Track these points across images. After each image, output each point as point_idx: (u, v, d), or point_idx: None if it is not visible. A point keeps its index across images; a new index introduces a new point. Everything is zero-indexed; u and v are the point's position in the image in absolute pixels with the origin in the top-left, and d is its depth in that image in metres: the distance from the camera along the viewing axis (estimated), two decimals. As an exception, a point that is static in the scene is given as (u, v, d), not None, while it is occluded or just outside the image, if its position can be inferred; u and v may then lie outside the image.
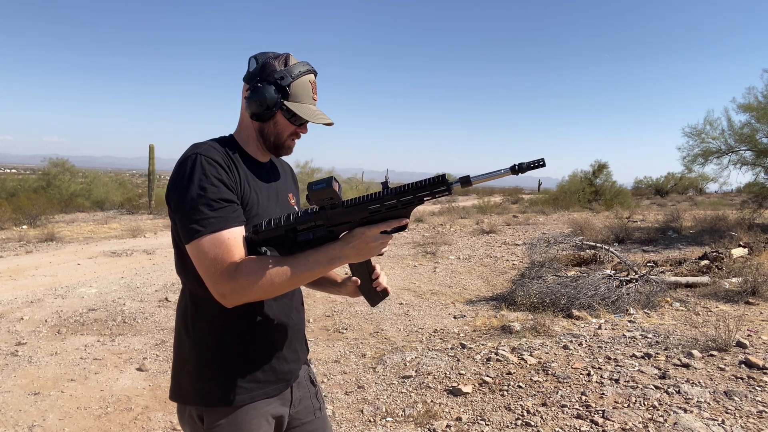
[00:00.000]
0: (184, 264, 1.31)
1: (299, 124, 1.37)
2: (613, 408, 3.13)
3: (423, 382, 3.74)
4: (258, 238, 1.27)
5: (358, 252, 1.23)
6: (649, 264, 7.18)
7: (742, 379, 3.49)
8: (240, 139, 1.42)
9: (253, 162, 1.41)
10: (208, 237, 1.20)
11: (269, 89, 1.31)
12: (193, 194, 1.22)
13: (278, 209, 1.43)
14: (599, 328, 4.85)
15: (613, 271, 6.56)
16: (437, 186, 1.18)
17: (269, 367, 1.36)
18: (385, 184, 1.24)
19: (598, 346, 4.26)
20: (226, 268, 1.19)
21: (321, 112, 1.39)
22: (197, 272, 1.24)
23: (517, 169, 1.16)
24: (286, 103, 1.33)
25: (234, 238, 1.22)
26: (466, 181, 1.18)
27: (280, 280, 1.21)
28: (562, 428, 2.97)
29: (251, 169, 1.39)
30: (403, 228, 1.24)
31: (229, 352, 1.32)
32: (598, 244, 7.83)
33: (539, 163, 1.14)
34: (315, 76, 1.39)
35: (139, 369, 4.17)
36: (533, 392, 3.45)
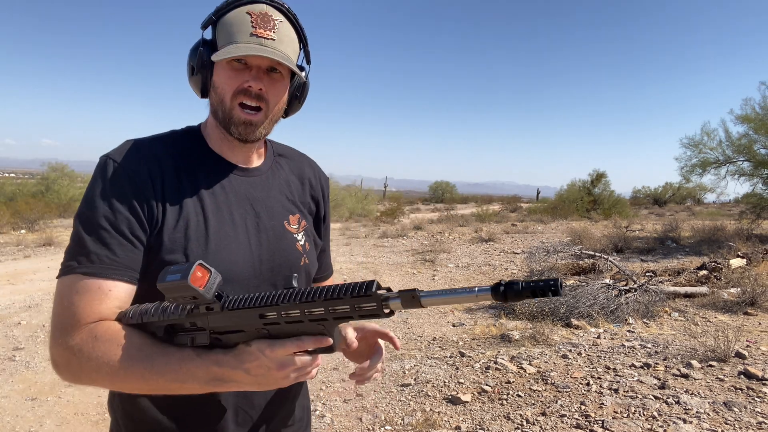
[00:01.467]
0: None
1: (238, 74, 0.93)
2: (613, 418, 3.13)
3: (422, 391, 3.73)
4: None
5: (255, 379, 0.81)
6: (647, 274, 7.18)
7: (741, 389, 3.49)
8: (205, 131, 1.03)
9: (219, 164, 1.00)
10: (77, 280, 0.86)
11: (196, 44, 0.96)
12: (80, 215, 0.89)
13: (253, 242, 0.98)
14: (598, 337, 4.85)
15: (612, 281, 6.57)
16: (363, 297, 0.75)
17: None
18: (289, 278, 0.86)
19: (598, 356, 4.25)
20: (74, 327, 0.83)
21: (257, 45, 0.90)
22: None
23: (504, 291, 0.71)
24: (214, 55, 0.91)
25: (107, 291, 0.86)
26: (411, 298, 0.73)
27: (124, 380, 0.82)
28: (561, 438, 2.97)
29: (211, 176, 0.98)
30: (328, 350, 0.82)
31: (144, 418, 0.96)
32: (597, 254, 7.84)
33: (545, 289, 0.68)
34: (271, 5, 0.94)
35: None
36: (532, 401, 3.44)
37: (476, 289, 0.73)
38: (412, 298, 0.73)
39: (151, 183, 0.91)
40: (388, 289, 0.76)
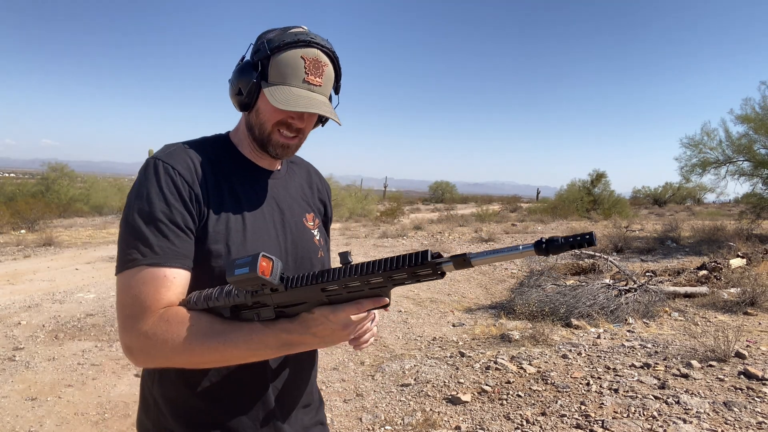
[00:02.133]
0: None
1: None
2: (613, 418, 3.13)
3: (422, 391, 3.73)
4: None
5: (321, 340, 0.92)
6: (647, 274, 7.19)
7: (741, 389, 3.49)
8: (235, 139, 1.13)
9: (249, 167, 1.11)
10: (142, 270, 0.92)
11: (246, 68, 1.04)
12: (137, 211, 0.95)
13: (277, 234, 1.10)
14: (598, 337, 4.85)
15: (612, 281, 6.57)
16: (420, 267, 0.84)
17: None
18: (344, 255, 0.92)
19: (597, 356, 4.25)
20: (146, 314, 0.90)
21: (313, 97, 1.02)
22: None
23: (546, 246, 0.77)
24: (261, 84, 1.03)
25: (172, 279, 0.93)
26: (462, 259, 0.82)
27: (201, 353, 0.90)
28: (561, 438, 2.97)
29: (244, 177, 1.09)
30: (384, 305, 0.92)
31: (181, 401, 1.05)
32: (597, 254, 7.85)
33: (582, 241, 0.75)
34: (322, 51, 1.04)
35: (136, 375, 4.15)
36: (532, 401, 3.44)
37: (520, 246, 0.80)
38: (463, 261, 0.82)
39: (197, 182, 1.00)
40: (439, 255, 0.84)
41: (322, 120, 1.15)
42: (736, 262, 7.93)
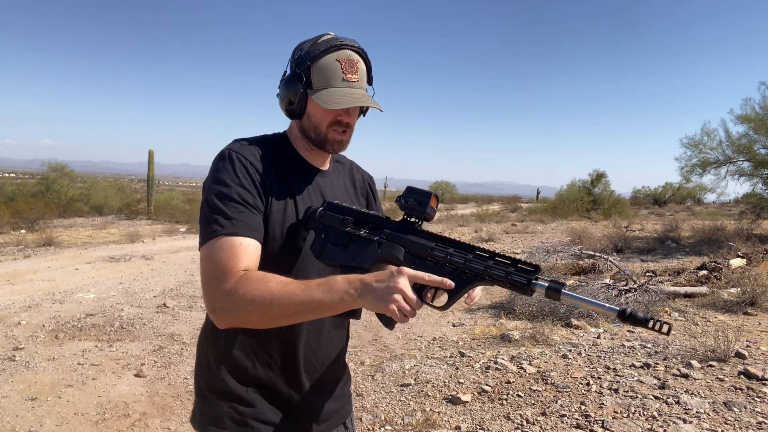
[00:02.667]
0: None
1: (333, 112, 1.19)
2: (613, 418, 3.13)
3: (422, 391, 3.73)
4: (321, 215, 1.15)
5: (374, 292, 0.95)
6: (647, 274, 7.18)
7: (741, 389, 3.49)
8: (292, 138, 1.27)
9: (303, 164, 1.25)
10: (220, 240, 1.05)
11: (290, 80, 1.17)
12: (215, 193, 1.10)
13: None
14: (598, 337, 4.85)
15: (612, 281, 6.57)
16: (520, 273, 0.93)
17: (287, 412, 1.22)
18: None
19: (597, 356, 4.25)
20: (225, 275, 1.03)
21: (355, 92, 1.16)
22: None
23: (627, 317, 0.87)
24: (309, 92, 1.16)
25: (246, 246, 1.06)
26: (554, 290, 0.91)
27: (280, 303, 0.99)
28: (561, 438, 2.97)
29: (297, 173, 1.23)
30: (440, 306, 1.01)
31: (235, 379, 1.20)
32: (597, 254, 7.85)
33: (660, 327, 0.85)
34: (355, 51, 1.18)
35: (136, 375, 4.15)
36: (532, 401, 3.44)
37: (606, 305, 0.90)
38: (554, 292, 0.91)
39: (264, 172, 1.15)
40: (538, 268, 0.94)
41: (362, 110, 1.29)
42: (736, 262, 7.93)
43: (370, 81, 1.26)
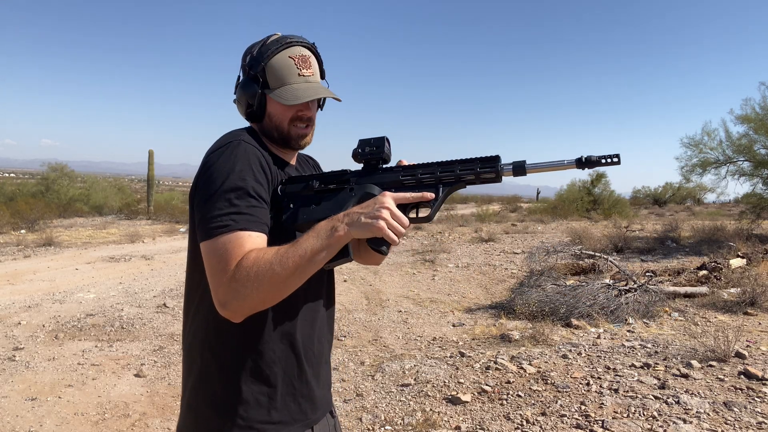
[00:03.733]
0: (203, 277, 1.10)
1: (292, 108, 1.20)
2: (613, 418, 3.13)
3: (422, 391, 3.73)
4: (283, 189, 1.17)
5: (363, 213, 1.01)
6: (647, 274, 7.18)
7: (741, 389, 3.49)
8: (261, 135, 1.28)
9: (279, 161, 1.24)
10: (231, 233, 1.02)
11: (246, 84, 1.18)
12: (230, 184, 1.05)
13: None
14: (598, 337, 4.85)
15: (612, 281, 6.57)
16: (485, 166, 1.03)
17: (294, 404, 1.20)
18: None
19: (597, 356, 4.25)
20: (230, 263, 1.00)
21: (312, 86, 1.18)
22: None
23: (584, 162, 0.97)
24: (267, 92, 1.17)
25: (255, 237, 1.05)
26: (519, 167, 1.01)
27: (281, 268, 1.00)
28: (561, 438, 2.97)
29: (280, 168, 1.24)
30: (424, 218, 1.08)
31: (249, 385, 1.15)
32: (597, 254, 7.85)
33: (611, 159, 0.96)
34: (305, 47, 1.20)
35: (136, 375, 4.16)
36: (532, 401, 3.44)
37: (565, 160, 1.00)
38: (520, 168, 1.01)
39: (271, 166, 1.15)
40: (498, 158, 1.04)
41: (320, 104, 1.29)
42: (736, 262, 7.93)
43: (323, 75, 1.28)
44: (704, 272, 7.40)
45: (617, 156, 0.95)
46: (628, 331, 5.10)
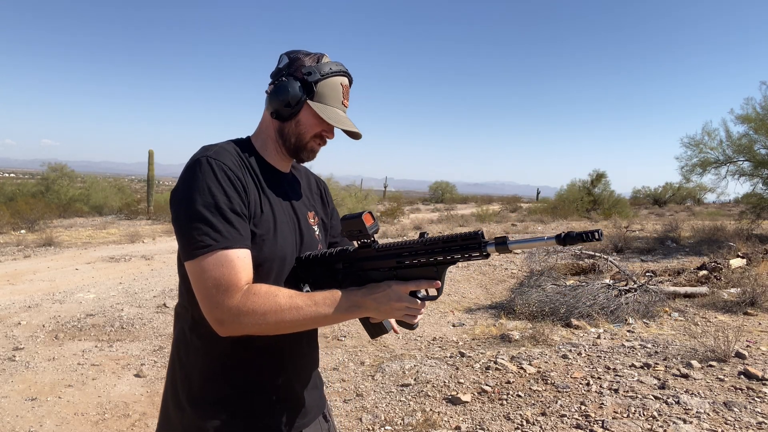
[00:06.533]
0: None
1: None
2: (613, 418, 3.13)
3: (422, 391, 3.73)
4: (300, 272, 1.22)
5: (378, 307, 1.11)
6: (647, 274, 7.18)
7: (741, 389, 3.49)
8: (257, 144, 1.28)
9: (270, 170, 1.27)
10: (215, 254, 1.05)
11: (293, 84, 1.20)
12: (200, 203, 1.07)
13: (293, 231, 1.27)
14: (598, 337, 4.85)
15: (612, 281, 6.57)
16: (469, 245, 1.07)
17: (274, 411, 1.23)
18: (422, 234, 1.15)
19: (598, 356, 4.25)
20: (231, 290, 1.05)
21: (349, 119, 1.27)
22: None
23: (564, 239, 1.00)
24: (310, 102, 1.21)
25: (242, 258, 1.08)
26: (501, 243, 1.04)
27: (290, 317, 1.07)
28: (561, 438, 2.97)
29: (268, 178, 1.24)
30: (434, 297, 1.14)
31: (227, 385, 1.20)
32: (597, 254, 7.85)
33: (592, 235, 0.98)
34: (349, 81, 1.28)
35: (137, 375, 4.16)
36: (532, 401, 3.44)
37: (546, 237, 1.02)
38: (503, 245, 1.03)
39: (243, 178, 1.15)
40: (480, 233, 1.07)
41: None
42: (736, 262, 7.93)
43: None
44: (704, 272, 7.39)
45: (598, 232, 0.98)
46: (628, 331, 5.10)
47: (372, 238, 1.17)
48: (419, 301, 1.12)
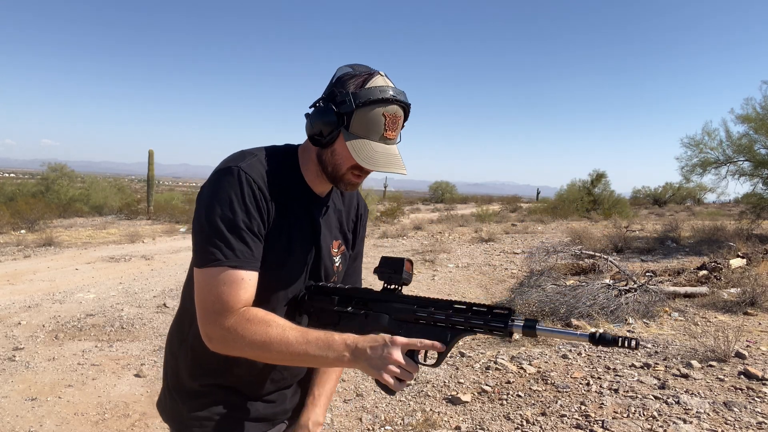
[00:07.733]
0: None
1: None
2: (613, 418, 3.13)
3: (422, 391, 3.73)
4: (308, 303, 1.21)
5: (368, 360, 1.02)
6: (647, 274, 7.18)
7: (741, 389, 3.49)
8: (302, 159, 1.21)
9: (305, 192, 1.21)
10: (223, 272, 1.05)
11: (329, 112, 1.09)
12: (219, 215, 1.06)
13: (307, 262, 1.23)
14: (598, 337, 4.84)
15: (612, 281, 6.56)
16: (497, 322, 1.01)
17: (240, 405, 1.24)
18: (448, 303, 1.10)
19: (597, 356, 4.25)
20: (227, 311, 1.05)
21: (388, 153, 1.11)
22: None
23: (598, 339, 0.94)
24: (345, 132, 1.10)
25: (248, 280, 1.07)
26: (529, 327, 0.99)
27: (278, 350, 1.04)
28: (561, 438, 2.97)
29: (299, 201, 1.19)
30: (432, 365, 1.07)
31: (211, 379, 1.23)
32: (597, 254, 7.85)
33: (628, 343, 0.91)
34: (402, 108, 1.12)
35: (136, 375, 4.16)
36: (532, 401, 3.44)
37: (578, 333, 0.98)
38: (530, 329, 0.98)
39: (270, 197, 1.12)
40: (511, 311, 1.01)
41: None
42: (736, 262, 7.93)
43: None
44: (704, 272, 7.39)
45: (635, 341, 0.91)
46: (628, 331, 5.10)
47: (400, 287, 1.14)
48: (414, 364, 1.03)
